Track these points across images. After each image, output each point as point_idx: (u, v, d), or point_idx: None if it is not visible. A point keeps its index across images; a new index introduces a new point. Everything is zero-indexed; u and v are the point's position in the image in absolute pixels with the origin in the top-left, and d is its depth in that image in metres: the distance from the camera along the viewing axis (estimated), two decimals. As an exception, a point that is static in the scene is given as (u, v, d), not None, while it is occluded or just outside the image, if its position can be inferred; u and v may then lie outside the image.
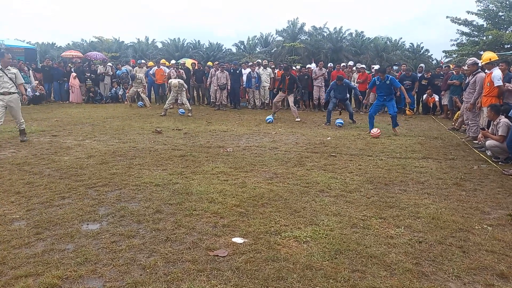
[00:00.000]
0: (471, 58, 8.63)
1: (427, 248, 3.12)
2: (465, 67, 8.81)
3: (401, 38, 60.17)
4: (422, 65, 14.75)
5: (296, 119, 11.02)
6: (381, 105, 9.34)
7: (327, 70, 13.89)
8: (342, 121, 10.14)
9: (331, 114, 10.44)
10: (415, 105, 13.43)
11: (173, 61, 16.25)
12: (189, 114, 11.95)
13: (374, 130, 8.37)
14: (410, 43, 48.89)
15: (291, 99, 11.37)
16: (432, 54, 48.39)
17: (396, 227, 3.53)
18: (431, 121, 11.50)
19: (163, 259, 2.89)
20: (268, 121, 10.67)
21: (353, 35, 46.33)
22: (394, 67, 14.57)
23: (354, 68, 14.52)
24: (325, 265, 2.83)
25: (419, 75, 13.31)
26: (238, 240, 3.24)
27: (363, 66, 14.38)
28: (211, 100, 14.59)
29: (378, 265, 2.85)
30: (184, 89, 12.07)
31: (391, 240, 3.26)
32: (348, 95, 10.90)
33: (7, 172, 5.21)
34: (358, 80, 13.34)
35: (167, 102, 12.33)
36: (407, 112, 12.90)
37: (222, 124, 10.16)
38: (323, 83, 13.50)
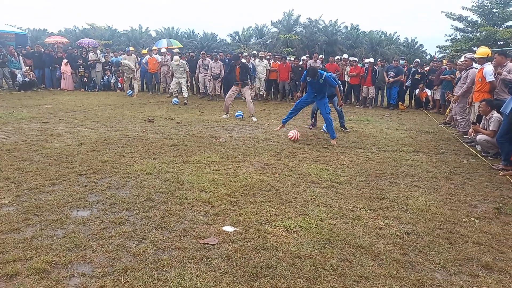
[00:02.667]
0: (469, 53, 8.72)
1: (415, 239, 3.16)
2: (462, 59, 8.85)
3: (396, 32, 60.29)
4: (417, 59, 14.80)
5: (253, 118, 9.28)
6: (310, 102, 7.50)
7: (321, 63, 13.87)
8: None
9: (315, 114, 8.60)
10: (398, 99, 13.21)
11: (163, 50, 16.00)
12: (185, 102, 11.95)
13: (292, 133, 6.97)
14: (405, 38, 49.11)
15: (247, 92, 9.49)
16: (426, 49, 48.61)
17: (385, 219, 3.56)
18: (423, 115, 11.58)
19: (153, 246, 2.90)
20: (238, 116, 9.51)
21: (348, 28, 46.30)
22: (401, 61, 14.48)
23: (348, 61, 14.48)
24: (314, 254, 2.86)
25: (414, 69, 13.34)
26: (228, 228, 3.25)
27: (355, 59, 14.33)
28: (200, 90, 14.56)
29: (366, 255, 2.88)
30: (186, 72, 12.24)
31: (380, 231, 3.29)
32: (333, 91, 7.77)
33: (-4, 157, 5.15)
34: (350, 73, 13.26)
35: (171, 84, 12.60)
36: (400, 106, 12.97)
37: (215, 114, 10.12)
38: (317, 76, 13.48)
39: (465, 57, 8.46)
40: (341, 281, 2.52)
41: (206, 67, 13.76)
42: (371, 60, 13.51)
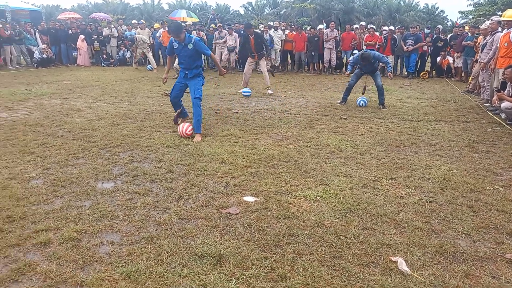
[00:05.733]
0: (496, 16, 8.31)
1: (437, 208, 3.15)
2: (488, 23, 8.44)
3: (416, -2, 57.78)
4: (439, 26, 14.23)
5: (268, 91, 8.86)
6: (183, 85, 5.45)
7: (338, 32, 13.50)
8: (366, 99, 7.59)
9: (350, 91, 7.68)
10: (415, 67, 12.84)
11: (187, 20, 15.73)
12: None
13: (184, 127, 5.14)
14: (425, 4, 47.31)
15: (263, 63, 9.06)
16: (447, 15, 46.64)
17: (407, 188, 3.55)
18: (444, 83, 11.26)
19: (177, 216, 2.97)
20: (245, 94, 8.60)
21: (366, -5, 44.61)
22: (426, 30, 13.94)
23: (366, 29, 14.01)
24: (335, 223, 2.88)
25: (435, 36, 12.87)
26: (249, 198, 3.29)
27: (373, 26, 13.82)
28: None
29: (388, 223, 2.89)
30: None
31: (401, 200, 3.28)
32: (378, 66, 7.73)
33: (21, 133, 5.28)
34: (367, 41, 12.85)
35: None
36: (421, 75, 12.61)
37: (231, 87, 10.07)
38: (334, 45, 13.17)
39: (491, 20, 8.08)
40: (363, 248, 2.55)
41: (223, 40, 13.57)
42: (392, 28, 12.98)
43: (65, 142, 4.87)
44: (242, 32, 13.55)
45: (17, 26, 14.83)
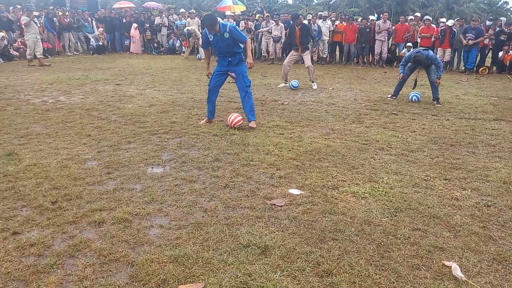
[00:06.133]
0: None
1: (496, 213, 2.95)
2: None
3: (477, -12, 54.19)
4: (503, 18, 13.22)
5: (313, 85, 8.49)
6: (224, 74, 5.24)
7: (391, 24, 12.95)
8: (419, 95, 7.26)
9: (403, 85, 7.39)
10: (474, 63, 12.01)
11: (228, 13, 15.78)
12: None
13: (232, 118, 5.16)
14: (487, -6, 44.04)
15: (307, 57, 8.51)
16: (511, 7, 43.37)
17: (462, 189, 3.35)
18: (506, 80, 10.50)
19: (223, 204, 3.00)
20: (293, 86, 8.38)
21: (421, -15, 42.45)
22: (488, 22, 13.07)
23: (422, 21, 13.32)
24: (384, 221, 2.78)
25: (498, 29, 12.00)
26: (295, 191, 3.26)
27: (429, 18, 13.09)
28: (262, 54, 14.22)
29: (441, 225, 2.75)
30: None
31: (456, 202, 3.11)
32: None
33: (78, 116, 5.58)
34: (422, 33, 12.18)
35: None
36: (480, 71, 11.84)
37: (277, 78, 10.00)
38: (386, 37, 12.68)
39: None
40: (414, 250, 2.44)
41: (270, 30, 13.49)
42: (449, 22, 12.18)
43: (118, 126, 5.07)
44: (290, 22, 13.42)
45: (76, 14, 15.62)
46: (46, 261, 2.24)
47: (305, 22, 9.78)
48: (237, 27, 5.19)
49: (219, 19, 5.15)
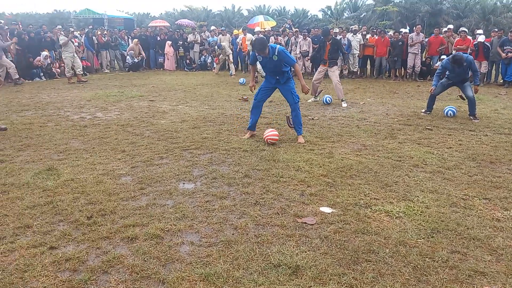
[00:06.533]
0: None
1: (542, 236, 2.77)
2: None
3: (515, -3, 52.26)
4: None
5: (343, 104, 8.11)
6: (271, 89, 5.43)
7: (424, 36, 12.66)
8: (454, 109, 6.97)
9: (435, 99, 7.17)
10: None
11: (257, 29, 15.93)
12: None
13: (270, 132, 5.14)
14: (527, 3, 42.32)
15: (335, 73, 8.21)
16: (553, 16, 41.39)
17: (504, 210, 3.18)
18: (549, 93, 9.99)
19: (253, 221, 2.99)
20: (326, 102, 8.34)
21: (456, -4, 41.46)
22: None
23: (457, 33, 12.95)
24: (421, 243, 2.68)
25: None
26: (326, 209, 3.21)
27: (465, 29, 12.70)
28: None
29: (482, 248, 2.61)
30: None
31: (497, 223, 2.95)
32: (469, 74, 6.83)
33: (114, 132, 5.77)
34: (457, 45, 11.82)
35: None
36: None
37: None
38: (420, 50, 12.41)
39: None
40: (453, 274, 2.33)
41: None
42: (481, 38, 11.61)
43: (151, 142, 5.20)
44: (321, 38, 13.40)
45: (113, 33, 16.32)
46: (80, 277, 2.30)
47: (336, 38, 9.63)
48: (285, 49, 5.29)
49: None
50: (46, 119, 6.72)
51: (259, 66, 7.32)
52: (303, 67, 13.68)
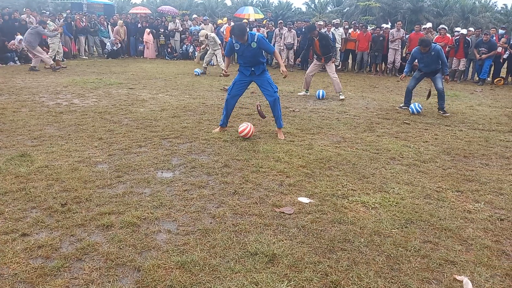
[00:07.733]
0: None
1: (509, 227, 2.88)
2: None
3: (493, -2, 53.55)
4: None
5: (340, 97, 8.13)
6: (246, 83, 5.24)
7: (405, 33, 12.83)
8: (419, 107, 6.90)
9: (411, 94, 7.24)
10: (488, 73, 11.77)
11: (251, 17, 15.66)
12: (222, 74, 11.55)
13: (242, 128, 4.90)
14: (503, 4, 43.70)
15: (331, 68, 8.22)
16: (528, 17, 42.72)
17: (475, 202, 3.29)
18: (521, 92, 10.32)
19: (231, 210, 2.99)
20: (319, 97, 8.16)
21: (437, -6, 42.20)
22: (500, 31, 12.88)
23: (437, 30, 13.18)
24: (395, 233, 2.74)
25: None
26: (304, 199, 3.23)
27: (444, 27, 12.95)
28: (274, 61, 14.21)
29: (453, 238, 2.69)
30: (218, 44, 11.24)
31: (468, 215, 3.05)
32: (439, 66, 6.82)
33: (91, 119, 5.64)
34: (436, 43, 12.06)
35: (206, 56, 11.73)
36: (495, 81, 11.67)
37: (289, 85, 10.01)
38: (400, 46, 12.59)
39: None
40: (424, 262, 2.39)
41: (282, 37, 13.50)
42: (463, 31, 12.04)
43: (130, 130, 5.11)
44: (303, 30, 13.39)
45: (92, 19, 15.89)
46: (53, 264, 2.25)
47: (323, 32, 9.49)
48: (265, 37, 5.03)
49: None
50: (20, 104, 6.50)
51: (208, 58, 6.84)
52: (286, 60, 13.67)
